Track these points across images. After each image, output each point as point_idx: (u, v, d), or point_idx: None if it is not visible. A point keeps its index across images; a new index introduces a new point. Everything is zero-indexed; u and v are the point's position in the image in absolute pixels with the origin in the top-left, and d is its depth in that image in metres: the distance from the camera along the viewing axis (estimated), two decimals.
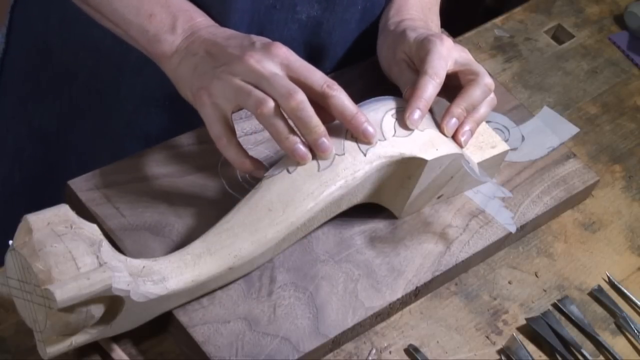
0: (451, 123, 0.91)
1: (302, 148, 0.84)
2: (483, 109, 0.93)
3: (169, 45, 0.87)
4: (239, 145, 0.85)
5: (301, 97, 0.82)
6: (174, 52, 0.87)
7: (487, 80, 0.92)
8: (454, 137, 0.92)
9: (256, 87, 0.82)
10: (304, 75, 0.84)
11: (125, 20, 0.89)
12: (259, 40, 0.85)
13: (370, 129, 0.86)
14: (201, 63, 0.85)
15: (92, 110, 1.06)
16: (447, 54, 0.92)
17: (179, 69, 0.87)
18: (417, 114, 0.89)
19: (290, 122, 0.84)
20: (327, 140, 0.84)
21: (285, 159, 0.86)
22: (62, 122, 1.08)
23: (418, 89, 0.90)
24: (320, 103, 0.85)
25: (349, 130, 0.87)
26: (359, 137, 0.86)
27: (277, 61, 0.84)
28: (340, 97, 0.85)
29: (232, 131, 0.85)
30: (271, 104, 0.82)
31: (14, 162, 1.14)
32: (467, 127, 0.92)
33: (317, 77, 0.85)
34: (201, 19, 0.89)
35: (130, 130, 1.04)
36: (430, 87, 0.90)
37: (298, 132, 0.84)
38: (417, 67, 0.95)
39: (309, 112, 0.83)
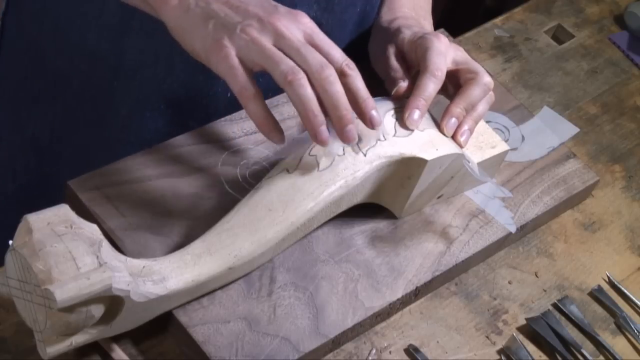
0: (451, 123, 0.91)
1: (326, 131, 0.81)
2: (481, 108, 0.93)
3: None
4: (263, 100, 0.81)
5: (333, 71, 0.80)
6: None
7: (487, 79, 0.92)
8: (454, 137, 0.92)
9: (283, 53, 0.80)
10: (326, 49, 0.82)
11: None
12: (281, 6, 0.83)
13: (377, 116, 0.84)
14: (218, 14, 0.81)
15: (86, 116, 1.05)
16: (446, 51, 0.92)
17: (186, 17, 0.82)
18: (416, 114, 0.89)
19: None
20: (354, 130, 0.82)
21: (284, 161, 0.86)
22: (55, 130, 1.07)
23: (418, 88, 0.89)
24: None
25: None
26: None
27: (302, 29, 0.81)
28: (357, 78, 0.83)
29: (256, 86, 0.81)
30: (302, 74, 0.79)
31: (7, 172, 1.13)
32: (466, 127, 0.92)
33: (339, 54, 0.82)
34: None
35: (124, 135, 1.04)
36: (431, 86, 0.89)
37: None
38: (410, 64, 0.94)
39: (339, 88, 0.80)
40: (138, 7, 0.88)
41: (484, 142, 0.96)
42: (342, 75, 0.82)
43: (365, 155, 0.86)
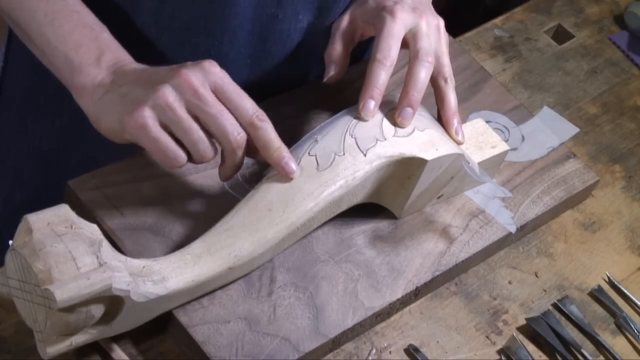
0: (406, 112, 0.90)
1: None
2: (453, 98, 0.93)
3: (92, 78, 0.84)
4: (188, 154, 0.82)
5: (242, 135, 0.81)
6: (97, 85, 0.84)
7: (428, 59, 0.91)
8: (451, 136, 0.92)
9: (190, 109, 0.80)
10: (235, 101, 0.81)
11: (51, 46, 0.86)
12: (188, 63, 0.83)
13: (292, 165, 0.84)
14: (131, 90, 0.81)
15: (92, 127, 1.05)
16: (399, 30, 0.90)
17: (102, 100, 0.83)
18: (372, 104, 0.88)
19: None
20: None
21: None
22: (61, 140, 1.07)
23: (369, 77, 0.89)
24: (245, 130, 0.82)
25: (348, 128, 0.87)
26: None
27: (212, 80, 0.81)
28: (267, 129, 0.82)
29: (180, 150, 0.81)
30: (215, 154, 0.82)
31: (15, 182, 1.13)
32: (455, 124, 0.92)
33: (248, 106, 0.82)
34: (127, 58, 0.86)
35: (130, 146, 1.04)
36: (382, 74, 0.89)
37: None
38: (362, 32, 0.95)
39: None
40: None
41: (484, 142, 0.96)
42: (252, 127, 0.82)
43: (365, 155, 0.86)
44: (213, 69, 0.81)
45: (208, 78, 0.81)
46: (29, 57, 1.07)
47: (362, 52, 1.06)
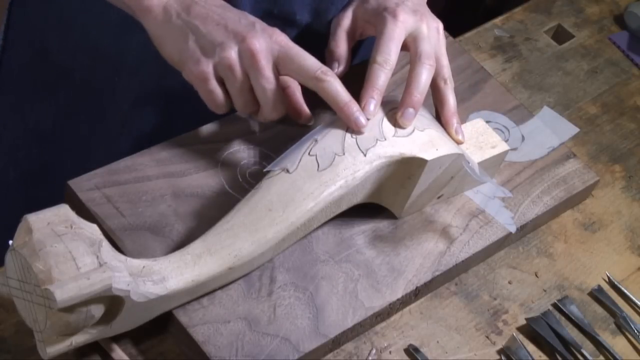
0: (408, 113, 0.90)
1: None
2: (452, 99, 0.94)
3: (158, 0, 0.86)
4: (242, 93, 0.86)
5: (279, 106, 0.87)
6: (163, 7, 0.86)
7: (430, 62, 0.91)
8: (451, 136, 0.92)
9: (246, 72, 0.85)
10: (299, 62, 0.85)
11: None
12: (258, 22, 0.86)
13: (362, 119, 0.87)
14: (199, 31, 0.85)
15: (87, 109, 1.06)
16: (400, 33, 0.91)
17: (167, 28, 0.86)
18: (372, 104, 0.89)
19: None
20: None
21: (284, 158, 0.86)
22: (57, 121, 1.08)
23: (369, 78, 0.90)
24: (313, 89, 0.85)
25: (348, 128, 0.87)
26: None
27: (277, 48, 0.85)
28: (333, 82, 0.86)
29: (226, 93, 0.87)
30: (252, 111, 0.88)
31: (9, 160, 1.14)
32: (455, 124, 0.92)
33: (312, 62, 0.86)
34: None
35: (125, 129, 1.04)
36: (382, 76, 0.89)
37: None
38: (362, 31, 0.96)
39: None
40: (121, 8, 0.89)
41: (484, 142, 0.96)
42: (317, 81, 0.85)
43: (365, 155, 0.86)
44: (279, 37, 0.86)
45: (272, 47, 0.85)
46: (28, 38, 1.07)
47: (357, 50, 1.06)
